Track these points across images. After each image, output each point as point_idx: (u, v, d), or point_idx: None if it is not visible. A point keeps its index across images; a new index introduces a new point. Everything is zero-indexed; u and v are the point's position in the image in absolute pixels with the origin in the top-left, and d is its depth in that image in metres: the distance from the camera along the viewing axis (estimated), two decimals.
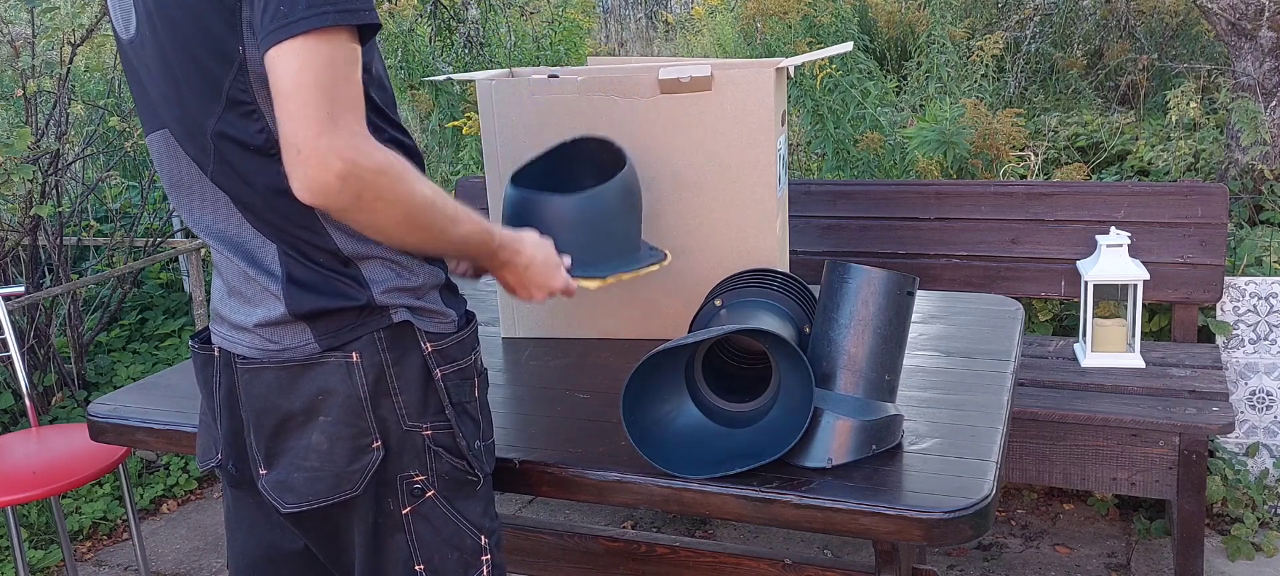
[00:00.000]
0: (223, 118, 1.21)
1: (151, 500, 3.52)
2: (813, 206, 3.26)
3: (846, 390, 1.47)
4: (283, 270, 1.28)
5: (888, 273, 1.46)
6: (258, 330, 1.30)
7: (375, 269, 1.30)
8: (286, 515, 1.35)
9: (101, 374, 4.08)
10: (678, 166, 1.87)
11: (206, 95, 1.22)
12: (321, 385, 1.29)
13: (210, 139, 1.24)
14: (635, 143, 1.87)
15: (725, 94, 1.83)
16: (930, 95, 4.10)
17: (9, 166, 3.23)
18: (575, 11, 5.47)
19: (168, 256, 4.04)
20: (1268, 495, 2.95)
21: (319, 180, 1.11)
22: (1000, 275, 3.09)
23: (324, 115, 1.10)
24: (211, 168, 1.26)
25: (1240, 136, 3.27)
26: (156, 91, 1.28)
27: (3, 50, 3.81)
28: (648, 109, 1.85)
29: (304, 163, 1.10)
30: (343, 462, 1.31)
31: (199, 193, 1.30)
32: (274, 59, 1.11)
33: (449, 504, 1.38)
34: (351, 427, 1.30)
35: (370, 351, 1.29)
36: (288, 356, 1.29)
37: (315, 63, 1.10)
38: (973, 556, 2.90)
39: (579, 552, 2.22)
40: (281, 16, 1.10)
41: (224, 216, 1.30)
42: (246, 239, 1.29)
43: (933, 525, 1.33)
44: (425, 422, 1.34)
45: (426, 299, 1.33)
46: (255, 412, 1.32)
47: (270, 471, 1.34)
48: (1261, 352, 2.96)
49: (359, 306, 1.28)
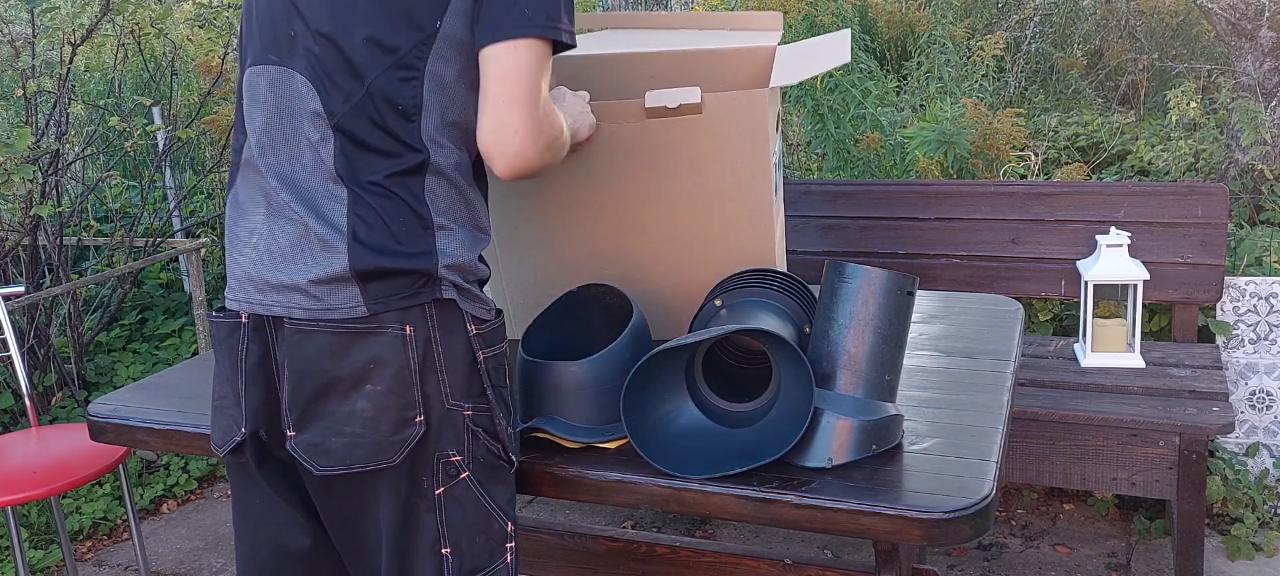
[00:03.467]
0: (385, 76, 1.32)
1: (151, 500, 3.52)
2: (813, 206, 3.26)
3: (846, 390, 1.47)
4: (349, 226, 1.32)
5: (888, 273, 1.46)
6: (310, 287, 1.33)
7: (450, 240, 1.35)
8: (319, 478, 1.36)
9: (101, 374, 4.08)
10: (673, 180, 1.82)
11: (377, 53, 1.32)
12: (375, 354, 1.32)
13: (365, 88, 1.33)
14: (627, 159, 1.82)
15: (716, 118, 1.73)
16: (930, 95, 4.10)
17: (9, 166, 3.23)
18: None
19: (168, 256, 4.04)
20: (1268, 495, 2.95)
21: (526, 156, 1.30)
22: (1000, 275, 3.09)
23: (538, 104, 1.31)
24: (343, 114, 1.33)
25: (1240, 136, 3.27)
26: (310, 28, 1.34)
27: (3, 50, 3.82)
28: (637, 131, 1.78)
29: (521, 142, 1.30)
30: (387, 432, 1.33)
31: (294, 135, 1.35)
32: (507, 49, 1.29)
33: (481, 487, 1.40)
34: (399, 399, 1.33)
35: (422, 326, 1.33)
36: (336, 317, 1.32)
37: (542, 61, 1.32)
38: (973, 556, 2.90)
39: (579, 552, 2.22)
40: (525, 17, 1.29)
41: (307, 164, 1.34)
42: (320, 191, 1.34)
43: (933, 525, 1.33)
44: (467, 403, 1.37)
45: (474, 285, 1.39)
46: (297, 374, 1.34)
47: (301, 433, 1.35)
48: (1261, 352, 2.96)
49: (418, 272, 1.33)
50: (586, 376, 1.53)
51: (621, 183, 1.84)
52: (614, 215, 1.88)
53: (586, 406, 1.54)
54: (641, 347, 1.57)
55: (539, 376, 1.55)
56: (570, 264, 1.96)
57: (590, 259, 1.94)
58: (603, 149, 1.83)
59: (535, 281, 2.00)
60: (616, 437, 1.54)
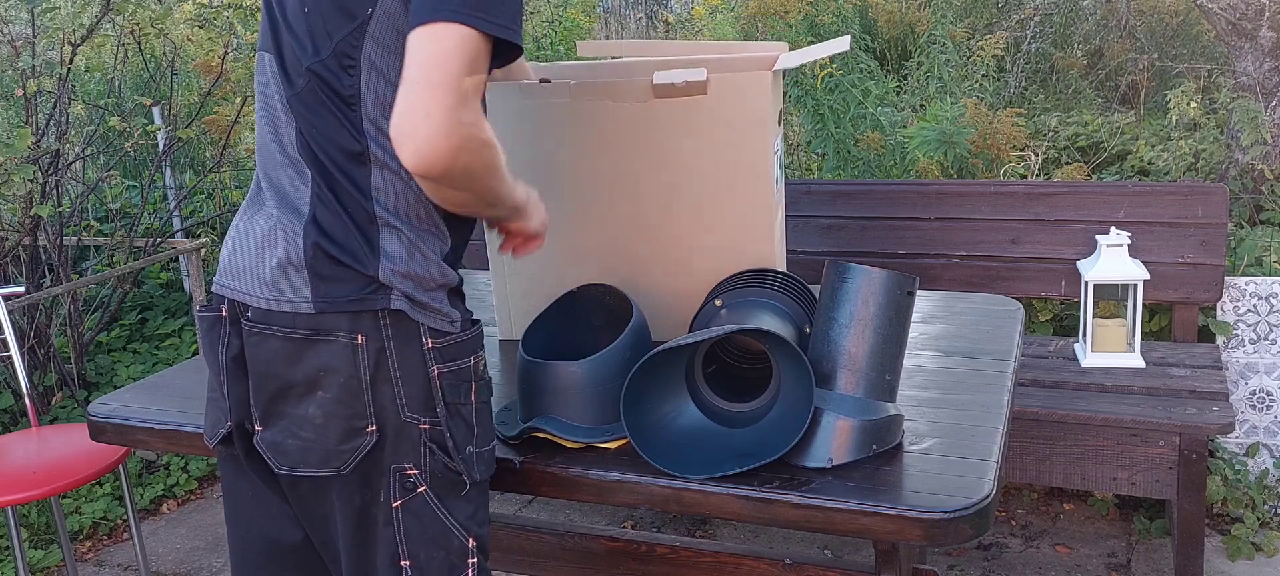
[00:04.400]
0: (324, 62, 1.30)
1: (151, 500, 3.52)
2: (813, 206, 3.26)
3: (846, 390, 1.47)
4: (309, 210, 1.32)
5: (888, 272, 1.46)
6: (266, 276, 1.33)
7: (392, 241, 1.32)
8: (281, 476, 1.37)
9: (101, 374, 4.08)
10: (674, 169, 1.85)
11: (323, 37, 1.30)
12: (324, 362, 1.31)
13: (304, 73, 1.31)
14: (629, 147, 1.85)
15: (721, 98, 1.78)
16: (931, 95, 4.10)
17: (9, 166, 3.23)
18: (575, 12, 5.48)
19: (168, 256, 4.04)
20: (1268, 495, 2.95)
21: (438, 147, 1.18)
22: (1000, 275, 3.09)
23: (459, 92, 1.19)
24: (295, 96, 1.33)
25: (1240, 136, 3.27)
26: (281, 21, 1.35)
27: (3, 50, 3.82)
28: (641, 113, 1.82)
29: (432, 127, 1.18)
30: (335, 440, 1.33)
31: (272, 119, 1.37)
32: (428, 32, 1.19)
33: (439, 502, 1.38)
34: (348, 408, 1.32)
35: (375, 335, 1.31)
36: (288, 310, 1.31)
37: (465, 47, 1.20)
38: (973, 556, 2.90)
39: (579, 552, 2.21)
40: (452, 3, 1.19)
41: (278, 149, 1.35)
42: (288, 177, 1.34)
43: (933, 525, 1.33)
44: (424, 418, 1.35)
45: (432, 295, 1.35)
46: (257, 375, 1.35)
47: (265, 430, 1.36)
48: (1261, 352, 2.96)
49: (361, 275, 1.31)
50: (586, 376, 1.53)
51: (625, 164, 1.86)
52: (616, 201, 1.89)
53: (586, 406, 1.54)
54: (641, 348, 1.57)
55: (539, 376, 1.55)
56: (571, 260, 1.96)
57: (591, 253, 1.94)
58: (608, 130, 1.84)
59: (535, 281, 2.00)
60: (616, 437, 1.54)
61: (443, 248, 1.38)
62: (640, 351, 1.57)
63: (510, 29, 1.24)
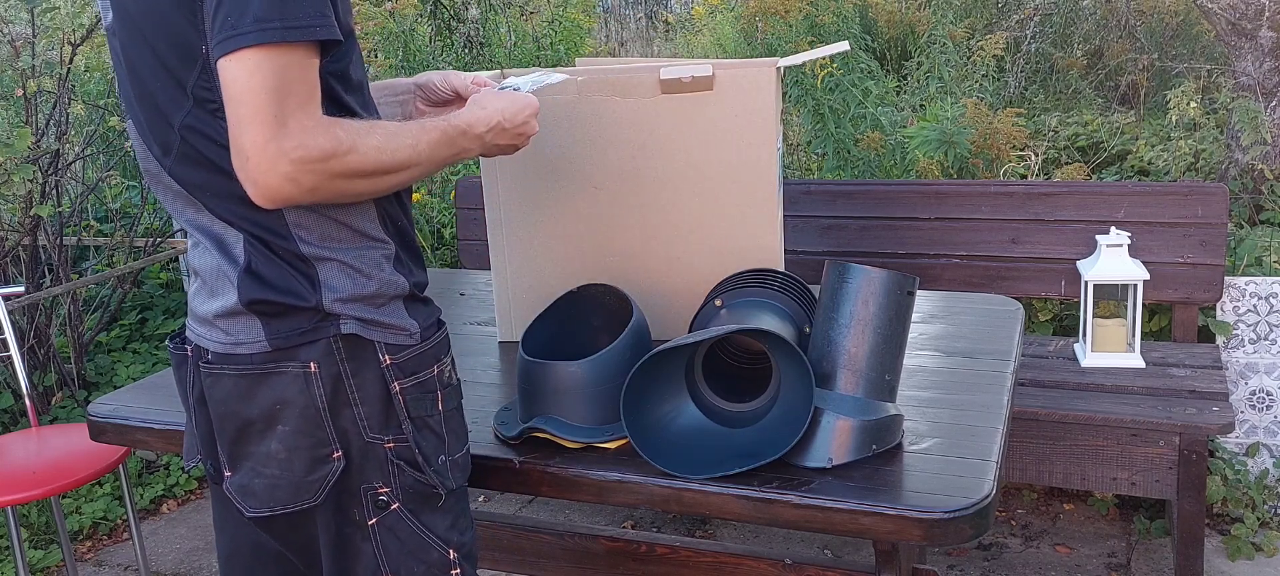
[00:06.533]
0: (191, 113, 1.22)
1: (151, 500, 3.52)
2: (813, 206, 3.26)
3: (846, 390, 1.47)
4: (245, 259, 1.27)
5: (888, 273, 1.46)
6: (217, 321, 1.30)
7: (332, 272, 1.28)
8: (251, 519, 1.35)
9: (101, 374, 4.08)
10: (678, 166, 1.87)
11: (173, 92, 1.22)
12: (279, 395, 1.28)
13: (177, 133, 1.24)
14: (635, 143, 1.86)
15: (727, 94, 1.81)
16: (931, 95, 4.10)
17: (9, 166, 3.23)
18: (575, 11, 5.48)
19: (168, 256, 4.04)
20: (1268, 495, 2.95)
21: (269, 185, 1.13)
22: (1000, 275, 3.09)
23: (272, 120, 1.11)
24: (171, 162, 1.27)
25: (1240, 136, 3.27)
26: (127, 82, 1.28)
27: (3, 50, 3.82)
28: (648, 109, 1.84)
29: (254, 169, 1.12)
30: (301, 472, 1.31)
31: (165, 183, 1.31)
32: (224, 68, 1.12)
33: (415, 517, 1.37)
34: (309, 438, 1.30)
35: (328, 361, 1.28)
36: (243, 352, 1.28)
37: (265, 69, 1.11)
38: (973, 556, 2.90)
39: (579, 552, 2.21)
40: (229, 27, 1.11)
41: (192, 206, 1.30)
42: (216, 227, 1.29)
43: (933, 525, 1.33)
44: (387, 436, 1.33)
45: (384, 310, 1.31)
46: (219, 416, 1.32)
47: (234, 475, 1.34)
48: (1261, 352, 2.96)
49: (307, 308, 1.27)
50: (586, 376, 1.53)
51: (631, 160, 1.88)
52: (621, 197, 1.90)
53: (586, 406, 1.54)
54: (641, 348, 1.57)
55: (539, 376, 1.55)
56: (571, 260, 1.96)
57: (592, 253, 1.95)
58: (614, 126, 1.86)
59: (535, 281, 2.00)
60: (616, 437, 1.54)
61: (388, 255, 1.32)
62: (640, 351, 1.57)
63: (315, 27, 1.14)
